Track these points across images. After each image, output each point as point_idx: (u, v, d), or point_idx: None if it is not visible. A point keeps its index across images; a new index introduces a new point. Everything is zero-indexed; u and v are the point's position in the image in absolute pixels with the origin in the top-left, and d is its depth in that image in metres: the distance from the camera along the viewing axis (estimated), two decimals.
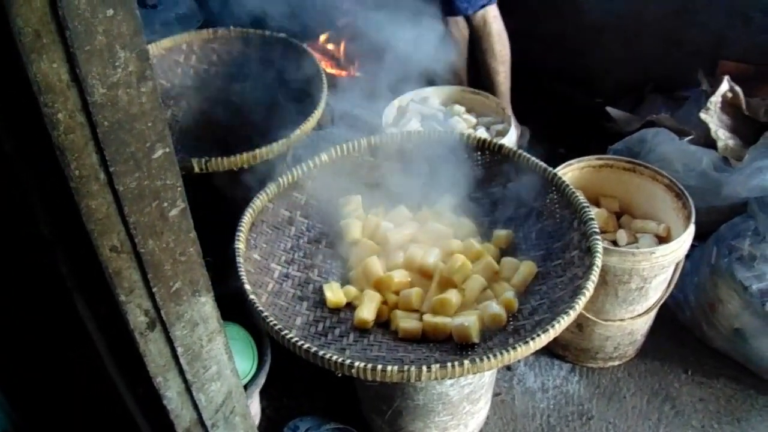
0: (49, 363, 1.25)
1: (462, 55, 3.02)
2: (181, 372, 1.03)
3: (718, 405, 2.15)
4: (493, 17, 2.74)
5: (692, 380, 2.23)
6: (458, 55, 3.01)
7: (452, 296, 1.63)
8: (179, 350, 1.00)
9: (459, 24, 2.89)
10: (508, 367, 2.29)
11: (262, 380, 1.92)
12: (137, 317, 0.92)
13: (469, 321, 1.54)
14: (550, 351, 2.33)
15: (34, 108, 0.72)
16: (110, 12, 0.72)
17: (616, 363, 2.29)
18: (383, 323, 1.68)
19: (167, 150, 0.85)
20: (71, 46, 0.70)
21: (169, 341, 0.98)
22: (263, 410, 2.14)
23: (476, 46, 2.81)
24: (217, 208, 1.82)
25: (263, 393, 2.07)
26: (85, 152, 0.76)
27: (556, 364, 2.31)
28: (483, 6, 2.69)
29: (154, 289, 0.91)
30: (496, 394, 2.18)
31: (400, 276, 1.72)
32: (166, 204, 0.88)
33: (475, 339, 1.55)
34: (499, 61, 2.81)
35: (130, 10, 0.74)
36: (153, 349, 0.96)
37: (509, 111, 2.72)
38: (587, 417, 2.14)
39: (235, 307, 1.60)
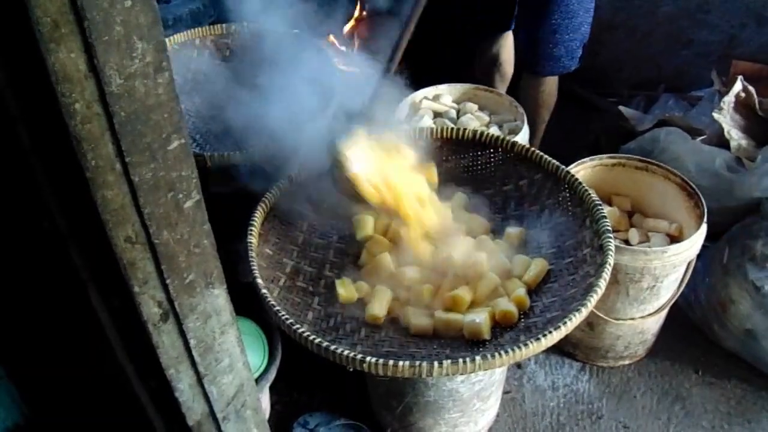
0: (60, 356, 1.25)
1: (506, 78, 2.95)
2: (194, 364, 1.03)
3: (729, 406, 2.15)
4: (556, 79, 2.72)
5: (703, 380, 2.23)
6: (501, 80, 2.92)
7: (464, 293, 1.63)
8: (192, 342, 1.00)
9: (507, 47, 2.83)
10: (519, 365, 2.28)
11: (272, 375, 1.92)
12: (151, 309, 0.92)
13: (481, 318, 1.54)
14: (561, 349, 2.33)
15: (51, 98, 0.72)
16: (128, 3, 0.72)
17: (627, 362, 2.29)
18: (395, 319, 1.68)
19: (183, 141, 0.85)
20: (89, 36, 0.70)
21: (182, 333, 0.98)
22: (273, 405, 2.14)
23: (529, 88, 2.73)
24: (226, 203, 1.82)
25: (273, 388, 2.07)
26: (102, 142, 0.76)
27: (567, 362, 2.31)
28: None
29: (168, 281, 0.91)
30: (506, 392, 2.18)
31: (411, 272, 1.72)
32: (181, 195, 0.88)
33: (487, 336, 1.54)
34: (545, 109, 2.75)
35: (148, 1, 0.74)
36: (166, 340, 0.96)
37: (537, 144, 2.74)
38: (597, 416, 2.14)
39: (245, 301, 1.60)
